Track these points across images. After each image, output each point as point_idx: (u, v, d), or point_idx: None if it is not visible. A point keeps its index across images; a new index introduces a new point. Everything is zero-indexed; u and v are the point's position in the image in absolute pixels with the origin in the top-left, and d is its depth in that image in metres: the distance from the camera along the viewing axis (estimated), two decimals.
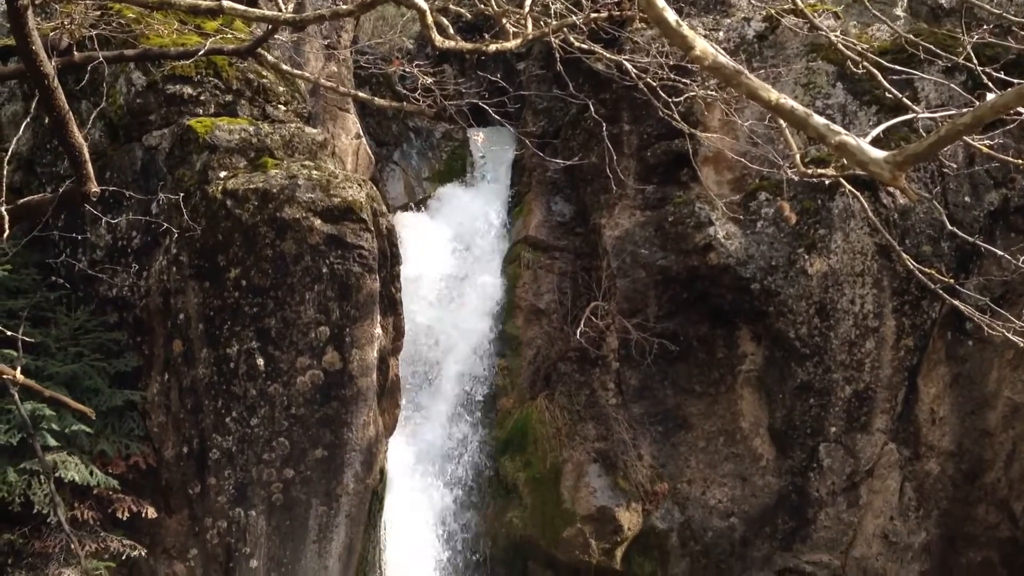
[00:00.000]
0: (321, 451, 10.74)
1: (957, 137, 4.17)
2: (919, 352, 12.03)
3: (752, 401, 12.19)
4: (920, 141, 4.17)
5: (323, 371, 10.73)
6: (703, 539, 12.14)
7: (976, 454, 12.27)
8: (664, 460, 12.29)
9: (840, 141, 4.22)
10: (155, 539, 10.79)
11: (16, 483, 9.56)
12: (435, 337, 12.98)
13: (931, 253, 11.60)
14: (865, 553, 12.17)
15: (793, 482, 12.10)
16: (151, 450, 10.80)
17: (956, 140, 4.28)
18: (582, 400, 12.46)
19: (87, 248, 11.17)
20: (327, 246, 10.68)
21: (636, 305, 12.28)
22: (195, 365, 10.71)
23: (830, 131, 4.25)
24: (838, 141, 4.22)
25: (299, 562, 10.72)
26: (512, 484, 12.44)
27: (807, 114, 4.24)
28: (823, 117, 4.24)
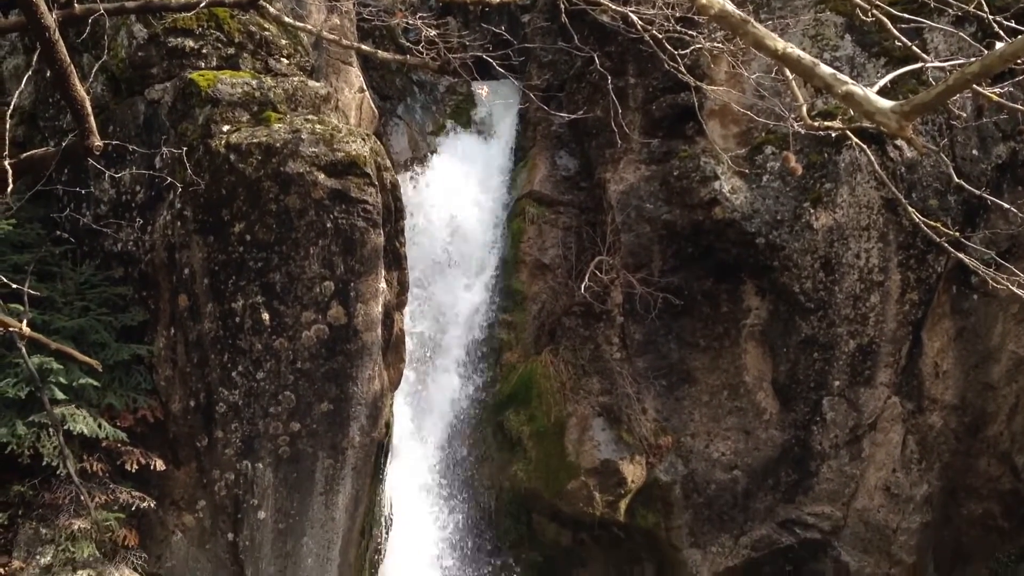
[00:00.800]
0: (327, 405, 10.79)
1: (965, 86, 4.13)
2: (924, 306, 12.04)
3: (756, 355, 12.22)
4: (928, 90, 4.13)
5: (328, 326, 10.75)
6: (706, 492, 12.24)
7: (979, 407, 12.34)
8: (668, 414, 12.35)
9: (847, 91, 4.18)
10: (164, 491, 10.91)
11: (25, 436, 9.65)
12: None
13: (937, 207, 11.54)
14: (867, 505, 12.28)
15: (796, 435, 12.18)
16: (158, 403, 10.88)
17: (964, 89, 4.23)
18: (586, 354, 12.50)
19: (91, 203, 11.17)
20: (331, 201, 10.65)
21: (641, 260, 12.27)
22: (201, 319, 10.75)
23: (837, 80, 4.21)
24: (845, 91, 4.19)
25: (306, 513, 10.84)
26: (517, 438, 12.53)
27: (814, 63, 4.21)
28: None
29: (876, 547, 12.27)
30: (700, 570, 12.22)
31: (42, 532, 10.02)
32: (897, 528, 12.31)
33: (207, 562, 10.98)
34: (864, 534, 12.27)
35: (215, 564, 10.95)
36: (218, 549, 10.94)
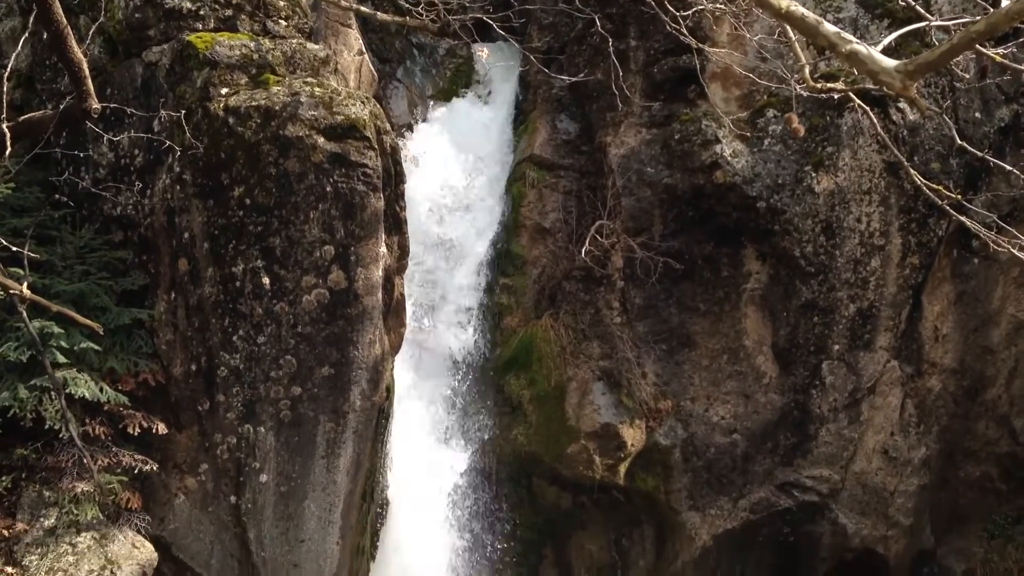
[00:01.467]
0: (328, 369, 10.81)
1: (970, 46, 4.09)
2: (924, 270, 12.04)
3: (756, 319, 12.23)
4: (932, 50, 4.09)
5: (328, 290, 10.74)
6: (705, 455, 12.32)
7: (978, 371, 12.40)
8: (668, 378, 12.39)
9: (851, 49, 4.15)
10: (166, 454, 10.95)
11: (27, 399, 9.66)
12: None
13: (940, 170, 11.51)
14: (865, 468, 12.37)
15: (795, 399, 12.23)
16: (160, 367, 10.89)
17: (969, 48, 4.20)
18: (587, 319, 12.51)
19: (90, 166, 11.11)
20: (331, 164, 10.60)
21: (641, 224, 12.25)
22: (201, 284, 10.74)
23: (841, 39, 4.17)
24: (849, 50, 4.15)
25: (308, 476, 10.90)
26: (517, 402, 12.58)
27: (818, 21, 4.16)
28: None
29: (873, 509, 12.38)
30: (699, 532, 12.33)
31: (45, 495, 10.08)
32: (895, 491, 12.41)
33: (210, 524, 11.06)
34: (862, 497, 12.37)
35: (218, 526, 11.04)
36: (220, 511, 11.02)
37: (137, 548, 10.31)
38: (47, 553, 9.84)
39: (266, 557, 10.90)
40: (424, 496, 12.16)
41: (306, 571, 10.98)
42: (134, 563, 10.16)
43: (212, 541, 11.08)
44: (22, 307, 8.52)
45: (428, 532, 12.22)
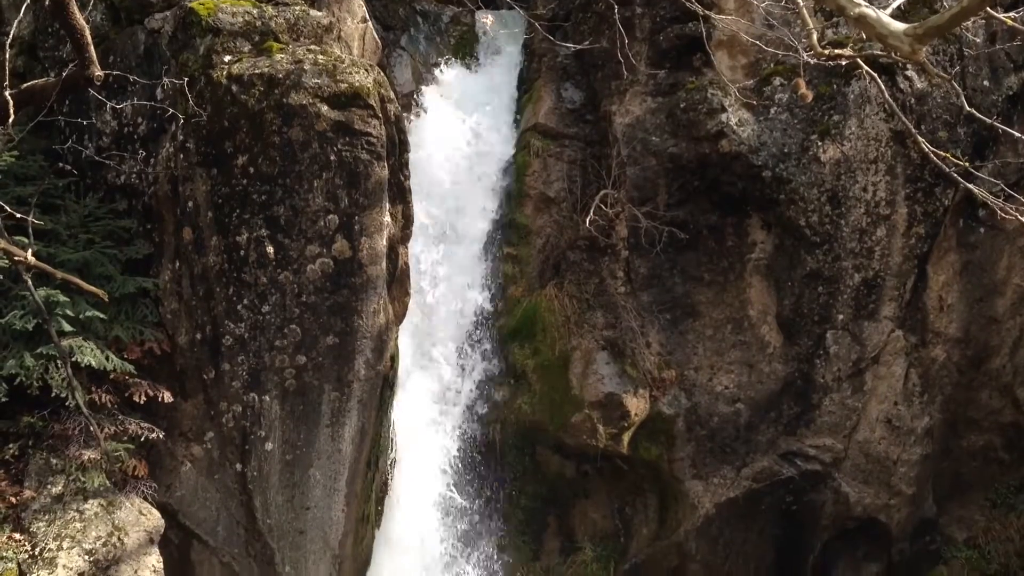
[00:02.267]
0: (332, 338, 10.83)
1: (980, 8, 4.05)
2: (930, 240, 12.01)
3: (761, 289, 12.22)
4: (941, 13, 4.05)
5: (333, 259, 10.74)
6: (709, 424, 12.35)
7: (983, 341, 12.40)
8: (672, 347, 12.40)
9: (860, 13, 4.10)
10: (172, 422, 11.01)
11: (33, 367, 9.71)
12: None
13: (947, 139, 11.45)
14: (868, 437, 12.40)
15: (799, 369, 12.24)
16: (165, 336, 10.92)
17: (979, 12, 4.16)
18: (591, 288, 12.50)
19: (93, 134, 11.09)
20: (335, 133, 10.56)
21: (646, 193, 12.19)
22: (205, 253, 10.74)
23: (850, 2, 4.13)
24: (858, 13, 4.11)
25: (313, 445, 10.96)
26: (521, 371, 12.61)
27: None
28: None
29: (876, 478, 12.42)
30: (702, 501, 12.39)
31: (52, 462, 10.14)
32: (897, 460, 12.44)
33: (216, 492, 11.14)
34: (864, 466, 12.41)
35: (224, 494, 11.11)
36: (227, 479, 11.09)
37: (144, 515, 10.40)
38: (55, 520, 9.93)
39: (272, 524, 10.99)
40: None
41: (312, 538, 11.08)
42: (141, 530, 10.24)
43: (218, 508, 11.16)
44: (27, 275, 8.52)
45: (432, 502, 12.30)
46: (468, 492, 12.51)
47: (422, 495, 12.18)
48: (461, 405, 12.64)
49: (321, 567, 11.19)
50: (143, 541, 10.22)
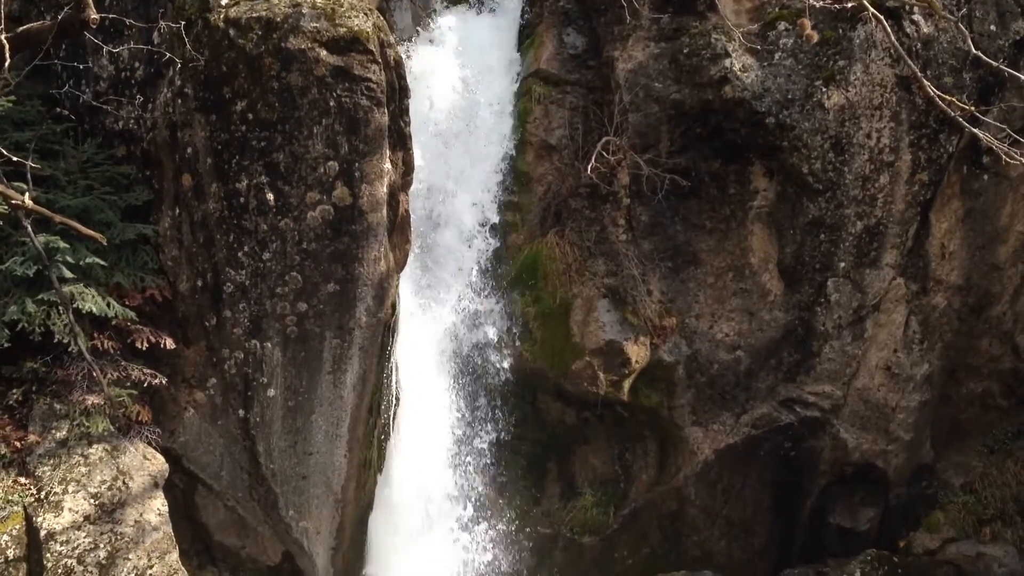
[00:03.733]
0: (333, 285, 10.84)
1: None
2: (933, 187, 11.95)
3: (762, 237, 12.18)
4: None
5: (333, 206, 10.69)
6: (709, 371, 12.40)
7: (984, 288, 12.41)
8: (673, 295, 12.40)
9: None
10: (175, 369, 11.07)
11: (35, 313, 9.73)
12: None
13: (952, 85, 11.33)
14: (867, 384, 12.47)
15: (800, 316, 12.26)
16: (166, 283, 10.93)
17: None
18: (592, 236, 12.47)
19: (90, 79, 10.98)
20: (334, 78, 10.44)
21: (648, 140, 12.09)
22: (205, 199, 10.70)
23: None
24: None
25: (315, 391, 11.02)
26: (522, 318, 12.63)
27: None
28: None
29: (874, 425, 12.51)
30: (701, 447, 12.50)
31: (56, 408, 10.21)
32: (896, 407, 12.52)
33: (219, 437, 11.23)
34: (863, 412, 12.50)
35: (227, 439, 11.21)
36: (230, 425, 11.18)
37: (148, 459, 10.50)
38: (59, 464, 10.03)
39: (275, 469, 11.10)
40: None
41: (314, 483, 11.20)
42: (145, 474, 10.35)
43: (222, 454, 11.27)
44: (27, 221, 8.51)
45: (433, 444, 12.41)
46: (469, 438, 12.60)
47: (423, 441, 12.27)
48: (461, 352, 12.67)
49: (324, 511, 11.34)
50: (148, 485, 10.33)
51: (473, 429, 12.62)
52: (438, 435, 12.39)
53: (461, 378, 12.56)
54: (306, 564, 11.52)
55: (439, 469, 12.38)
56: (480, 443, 12.62)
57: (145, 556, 10.03)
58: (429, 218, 12.79)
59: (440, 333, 12.57)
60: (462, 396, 12.52)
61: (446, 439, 12.44)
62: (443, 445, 12.43)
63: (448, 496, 12.36)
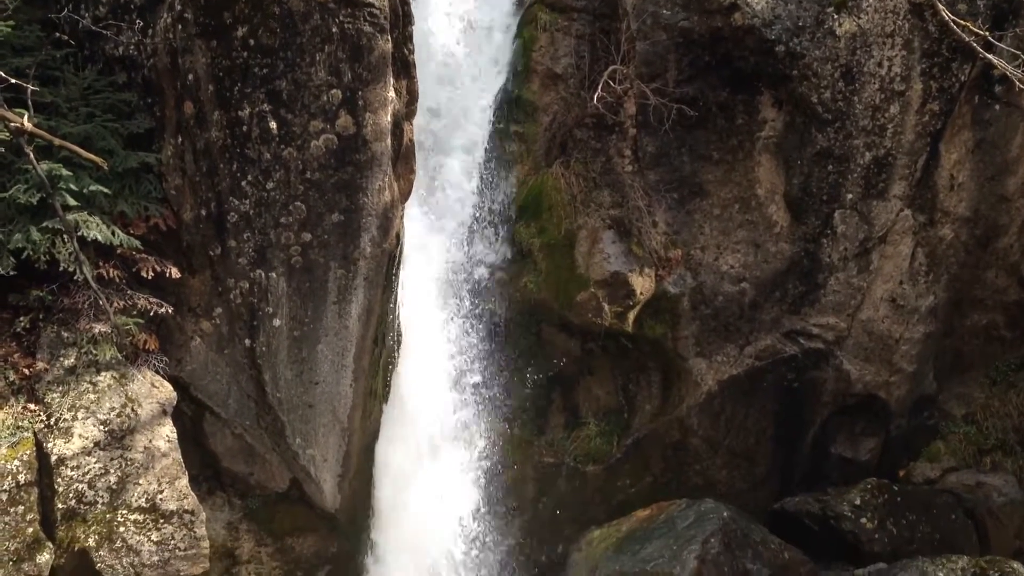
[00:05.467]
0: (337, 215, 10.80)
1: None
2: (944, 117, 11.81)
3: (769, 168, 12.08)
4: None
5: (336, 135, 10.60)
6: (713, 303, 12.42)
7: (992, 219, 12.34)
8: (678, 227, 12.36)
9: None
10: (180, 298, 11.10)
11: (40, 241, 9.71)
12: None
13: (966, 12, 11.14)
14: (872, 316, 12.48)
15: (806, 248, 12.23)
16: (170, 212, 10.88)
17: None
18: (598, 167, 12.38)
19: (89, 3, 10.77)
20: (336, 4, 10.26)
21: (655, 69, 11.91)
22: (208, 127, 10.60)
23: None
24: None
25: (320, 322, 11.05)
26: (527, 250, 12.61)
27: None
28: None
29: (878, 356, 12.56)
30: (704, 378, 12.57)
31: (63, 335, 10.27)
32: (900, 338, 12.55)
33: (226, 366, 11.31)
34: (867, 344, 12.53)
35: (234, 368, 11.29)
36: (236, 354, 11.24)
37: (156, 387, 10.59)
38: (68, 391, 10.12)
39: (281, 398, 11.20)
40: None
41: (321, 411, 11.31)
42: (154, 401, 10.45)
43: (229, 382, 11.36)
44: (28, 148, 8.47)
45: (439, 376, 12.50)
46: (474, 369, 12.68)
47: (428, 371, 12.36)
48: (467, 283, 12.69)
49: (331, 439, 11.46)
50: (156, 412, 10.44)
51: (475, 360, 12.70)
52: (441, 365, 12.49)
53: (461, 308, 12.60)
54: (313, 491, 11.69)
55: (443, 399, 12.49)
56: (482, 375, 12.70)
57: (155, 481, 10.19)
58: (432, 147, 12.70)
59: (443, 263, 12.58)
60: (463, 326, 12.56)
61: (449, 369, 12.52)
62: (446, 374, 12.52)
63: (453, 425, 12.47)
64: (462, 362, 12.64)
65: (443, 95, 12.79)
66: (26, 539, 9.61)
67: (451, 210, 12.79)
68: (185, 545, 10.26)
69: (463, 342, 12.64)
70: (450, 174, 12.84)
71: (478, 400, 12.69)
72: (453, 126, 12.86)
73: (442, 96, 12.79)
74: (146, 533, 10.05)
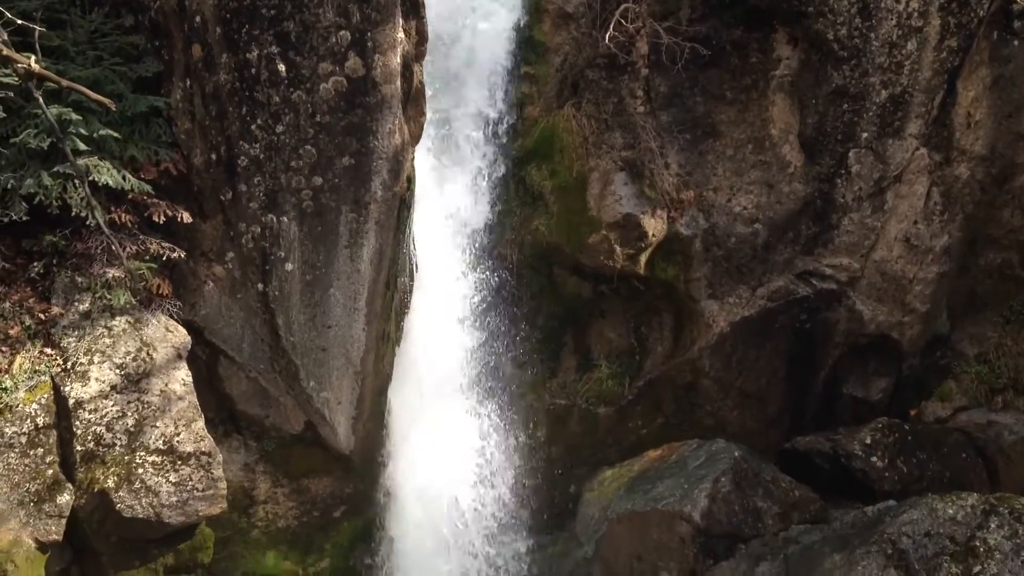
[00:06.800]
0: (348, 159, 10.74)
1: None
2: (962, 53, 11.62)
3: (784, 107, 11.94)
4: None
5: (346, 77, 10.50)
6: (726, 245, 12.37)
7: (1008, 158, 12.21)
8: (691, 168, 12.26)
9: None
10: (192, 243, 11.12)
11: (51, 187, 9.72)
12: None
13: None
14: (886, 256, 12.42)
15: (819, 188, 12.13)
16: (180, 157, 10.86)
17: None
18: (610, 108, 12.25)
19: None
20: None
21: (668, 7, 11.75)
22: (216, 71, 10.52)
23: None
24: None
25: (332, 266, 11.07)
26: (538, 192, 12.55)
27: None
28: None
29: (891, 297, 12.53)
30: (716, 320, 12.57)
31: (78, 280, 10.33)
32: (914, 278, 12.50)
33: (239, 310, 11.36)
34: (880, 284, 12.49)
35: (247, 312, 11.34)
36: (249, 298, 11.28)
37: (171, 332, 10.67)
38: (84, 335, 10.21)
39: (295, 342, 11.26)
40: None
41: (334, 355, 11.37)
42: (169, 345, 10.53)
43: (242, 326, 11.43)
44: (37, 93, 8.42)
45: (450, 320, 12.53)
46: (485, 312, 12.70)
47: (441, 314, 12.39)
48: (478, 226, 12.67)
49: (344, 383, 11.54)
50: (171, 356, 10.53)
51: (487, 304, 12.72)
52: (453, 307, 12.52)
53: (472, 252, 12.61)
54: (328, 433, 11.81)
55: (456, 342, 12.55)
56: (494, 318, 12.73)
57: (172, 424, 10.32)
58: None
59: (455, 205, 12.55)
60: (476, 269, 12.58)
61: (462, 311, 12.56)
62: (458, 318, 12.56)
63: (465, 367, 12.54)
64: (475, 305, 12.65)
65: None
66: (46, 480, 9.78)
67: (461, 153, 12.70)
68: (203, 486, 10.42)
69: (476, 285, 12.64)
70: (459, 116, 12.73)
71: (490, 342, 12.72)
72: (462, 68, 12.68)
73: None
74: (164, 474, 10.19)
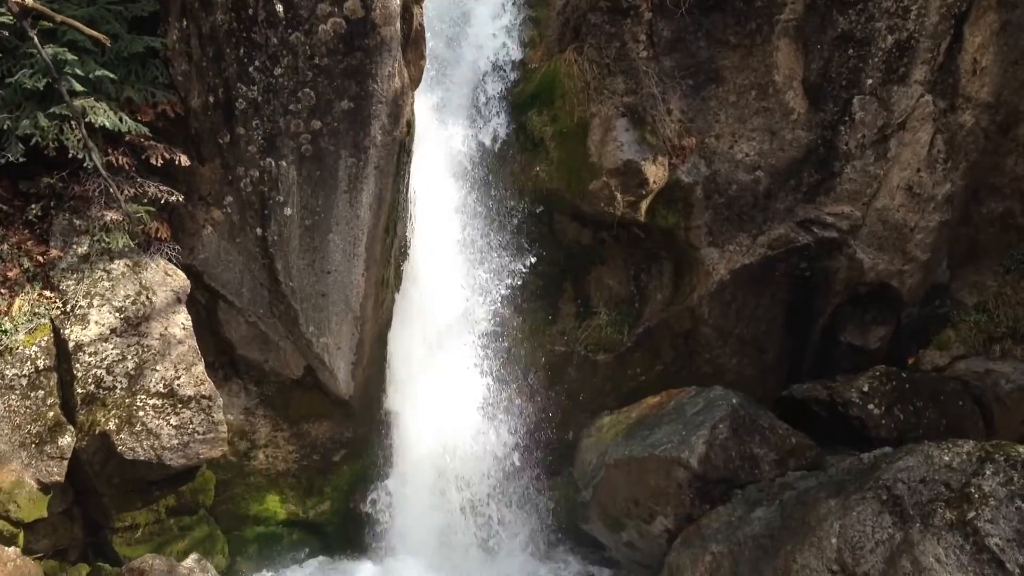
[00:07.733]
0: (347, 103, 10.64)
1: None
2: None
3: (788, 53, 11.79)
4: None
5: (345, 19, 10.36)
6: (727, 192, 12.30)
7: (1014, 105, 12.09)
8: (693, 114, 12.14)
9: None
10: (191, 187, 11.05)
11: (48, 128, 9.63)
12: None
13: None
14: (887, 205, 12.36)
15: (823, 135, 12.03)
16: (177, 98, 10.74)
17: None
18: (612, 53, 12.09)
19: None
20: None
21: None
22: (212, 10, 10.36)
23: None
24: None
25: (331, 211, 11.02)
26: (539, 138, 12.45)
27: None
28: None
29: (892, 245, 12.48)
30: (716, 267, 12.54)
31: (76, 223, 10.30)
32: (915, 227, 12.46)
33: (238, 255, 11.33)
34: (881, 232, 12.44)
35: (246, 257, 11.31)
36: (248, 243, 11.25)
37: (170, 275, 10.66)
38: (83, 278, 10.20)
39: (294, 287, 11.25)
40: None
41: (333, 300, 11.38)
42: (168, 289, 10.53)
43: (242, 271, 11.41)
44: (32, 31, 8.33)
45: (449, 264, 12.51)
46: (483, 259, 12.68)
47: (440, 261, 12.38)
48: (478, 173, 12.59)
49: (344, 328, 11.57)
50: (171, 300, 10.53)
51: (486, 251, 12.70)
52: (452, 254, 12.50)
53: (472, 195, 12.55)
54: (327, 378, 11.86)
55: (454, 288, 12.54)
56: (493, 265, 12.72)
57: (172, 367, 10.35)
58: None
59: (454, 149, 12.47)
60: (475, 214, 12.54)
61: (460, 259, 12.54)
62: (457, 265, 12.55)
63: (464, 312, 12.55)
64: (472, 252, 12.63)
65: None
66: (47, 422, 9.84)
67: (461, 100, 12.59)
68: (204, 429, 10.49)
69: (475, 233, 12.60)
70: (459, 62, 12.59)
71: (488, 289, 12.72)
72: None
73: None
74: (165, 417, 10.25)
